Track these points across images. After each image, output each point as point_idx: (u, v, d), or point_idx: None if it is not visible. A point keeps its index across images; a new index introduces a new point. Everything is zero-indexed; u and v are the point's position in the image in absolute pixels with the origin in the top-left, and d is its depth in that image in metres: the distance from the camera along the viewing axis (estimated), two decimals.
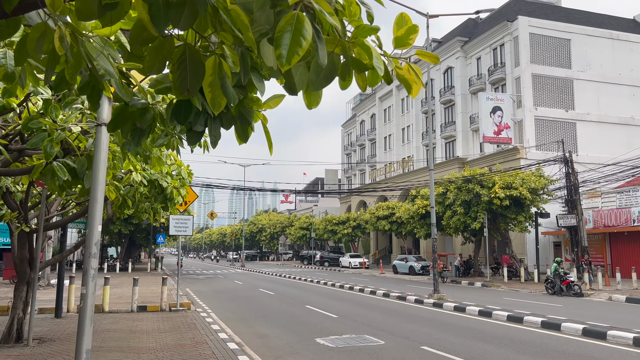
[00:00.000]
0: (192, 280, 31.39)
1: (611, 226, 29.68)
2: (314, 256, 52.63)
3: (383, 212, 40.66)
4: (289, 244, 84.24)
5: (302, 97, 2.30)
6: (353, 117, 68.54)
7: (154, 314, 13.80)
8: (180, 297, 18.46)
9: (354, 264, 44.95)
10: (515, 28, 38.06)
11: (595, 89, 38.67)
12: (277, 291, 22.38)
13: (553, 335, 10.67)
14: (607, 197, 30.82)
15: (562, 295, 20.11)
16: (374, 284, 25.66)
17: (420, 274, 34.62)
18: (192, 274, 39.66)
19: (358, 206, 59.43)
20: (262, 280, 30.56)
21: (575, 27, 39.21)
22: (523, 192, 25.65)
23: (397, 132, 54.14)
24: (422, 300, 16.85)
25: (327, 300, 18.32)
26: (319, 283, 27.23)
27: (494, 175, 27.30)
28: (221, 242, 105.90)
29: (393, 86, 54.88)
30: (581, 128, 37.84)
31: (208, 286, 26.25)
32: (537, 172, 27.56)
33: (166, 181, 8.82)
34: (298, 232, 60.52)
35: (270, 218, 77.54)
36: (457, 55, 44.34)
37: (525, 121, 36.77)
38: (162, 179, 8.79)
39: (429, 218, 32.35)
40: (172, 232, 14.31)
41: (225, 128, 2.98)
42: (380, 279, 32.08)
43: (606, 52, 39.42)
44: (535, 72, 37.41)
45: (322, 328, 11.83)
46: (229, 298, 19.73)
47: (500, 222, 27.77)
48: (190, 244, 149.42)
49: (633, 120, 39.05)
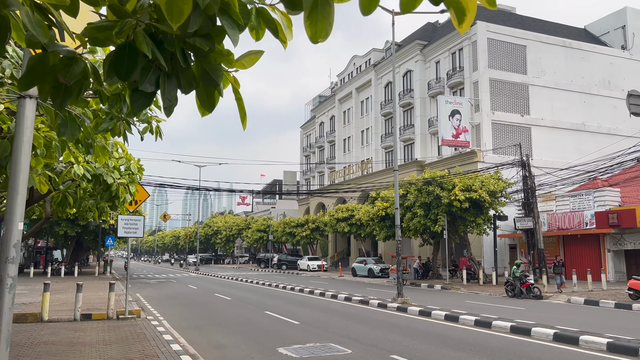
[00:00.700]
0: (143, 285, 29.89)
1: (565, 229, 30.29)
2: (271, 259, 51.65)
3: (342, 214, 40.23)
4: (245, 247, 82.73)
5: (305, 26, 1.60)
6: (312, 118, 68.04)
7: (100, 323, 12.66)
8: (130, 303, 17.26)
9: (312, 266, 44.32)
10: (474, 33, 38.52)
11: (549, 95, 39.64)
12: (234, 296, 21.43)
13: (524, 340, 10.32)
14: (561, 201, 31.46)
15: (522, 297, 20.12)
16: (334, 288, 25.07)
17: (380, 276, 34.35)
18: (144, 278, 37.95)
19: (317, 208, 58.88)
20: (217, 285, 29.44)
21: (530, 34, 40.10)
22: (482, 194, 25.72)
23: (356, 134, 53.96)
24: (386, 304, 16.35)
25: (288, 305, 17.56)
26: (277, 287, 26.41)
27: (454, 177, 27.30)
28: (174, 244, 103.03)
29: (352, 88, 54.72)
30: (535, 133, 38.66)
31: (160, 291, 24.96)
32: (496, 175, 27.76)
33: (112, 177, 7.87)
34: (255, 234, 59.33)
35: (226, 220, 75.90)
36: (417, 58, 44.55)
37: (482, 125, 37.21)
38: (108, 173, 7.84)
39: (388, 220, 32.16)
40: (120, 234, 13.20)
41: (184, 91, 2.23)
42: (339, 282, 31.56)
43: (559, 60, 40.50)
44: (492, 77, 37.96)
45: (284, 336, 11.09)
46: (182, 304, 18.65)
47: (460, 224, 27.80)
48: (142, 247, 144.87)
49: (584, 126, 40.24)
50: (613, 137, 40.62)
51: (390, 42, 50.82)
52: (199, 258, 57.30)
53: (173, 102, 2.22)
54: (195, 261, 59.01)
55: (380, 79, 50.21)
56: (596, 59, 41.86)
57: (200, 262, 59.71)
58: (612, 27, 45.01)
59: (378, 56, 52.13)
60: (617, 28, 44.58)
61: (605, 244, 28.51)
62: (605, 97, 41.54)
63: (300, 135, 72.35)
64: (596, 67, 41.72)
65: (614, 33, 44.77)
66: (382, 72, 49.74)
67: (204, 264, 68.28)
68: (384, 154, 48.61)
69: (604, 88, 41.71)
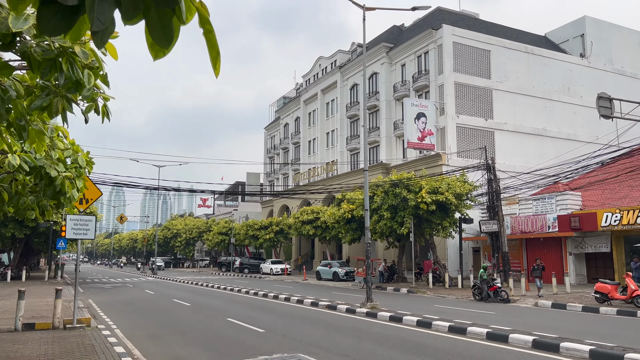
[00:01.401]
0: (97, 290, 28.32)
1: (528, 232, 30.53)
2: (233, 263, 50.37)
3: (307, 216, 39.52)
4: (206, 250, 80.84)
5: None
6: (277, 119, 67.11)
7: (44, 334, 11.49)
8: (81, 310, 16.04)
9: (275, 270, 43.37)
10: (440, 36, 38.61)
11: (512, 100, 40.15)
12: (194, 302, 20.36)
13: (504, 348, 9.85)
14: (525, 204, 31.73)
15: (489, 301, 19.91)
16: (300, 292, 24.31)
17: (345, 280, 33.80)
18: (98, 282, 36.16)
19: (281, 211, 57.93)
20: (176, 290, 28.17)
21: (494, 39, 40.55)
22: (449, 197, 25.54)
23: (321, 136, 53.39)
24: (355, 309, 15.71)
25: (251, 311, 16.68)
26: (240, 292, 25.41)
27: (420, 180, 27.03)
28: (132, 247, 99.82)
29: (318, 90, 54.18)
30: (498, 137, 39.05)
31: (115, 296, 23.58)
32: (462, 178, 27.67)
33: (56, 169, 6.91)
34: (216, 237, 57.88)
35: (187, 223, 73.92)
36: (382, 61, 44.39)
37: (447, 128, 37.28)
38: (52, 165, 6.88)
39: (354, 222, 31.67)
40: (69, 235, 12.05)
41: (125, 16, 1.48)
42: (304, 285, 30.80)
43: (522, 65, 41.12)
44: (457, 81, 38.12)
45: (249, 346, 10.26)
46: (138, 311, 17.49)
47: (426, 227, 27.54)
48: (97, 250, 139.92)
49: (545, 131, 40.94)
50: (572, 142, 41.50)
51: (357, 44, 50.67)
52: (156, 261, 55.32)
53: (107, 27, 1.45)
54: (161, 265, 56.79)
55: (346, 80, 49.85)
56: (556, 66, 42.73)
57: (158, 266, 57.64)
58: (571, 35, 46.13)
59: (344, 58, 51.78)
60: (576, 36, 45.71)
61: (567, 247, 28.85)
62: (565, 104, 42.44)
63: (265, 136, 71.28)
64: (556, 73, 42.59)
65: (573, 41, 45.88)
66: (348, 73, 49.39)
67: (163, 268, 66.02)
68: (350, 156, 48.21)
69: (564, 94, 42.62)
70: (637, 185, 28.94)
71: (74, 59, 3.61)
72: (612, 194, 30.35)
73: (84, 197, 12.34)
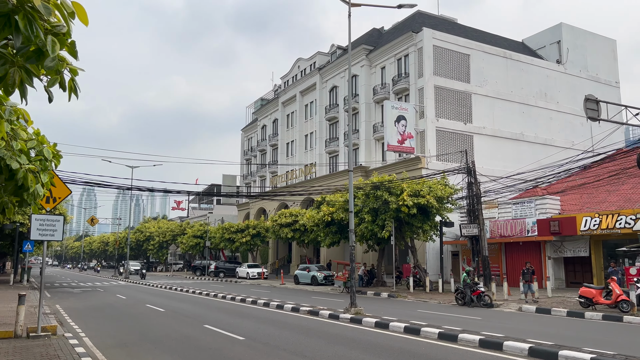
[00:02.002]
0: (65, 294, 27.09)
1: (507, 236, 30.48)
2: (208, 266, 49.25)
3: (286, 219, 38.81)
4: (179, 254, 79.18)
5: None
6: (254, 121, 66.22)
7: (4, 343, 10.58)
8: (47, 316, 15.09)
9: (252, 274, 42.48)
10: (420, 39, 38.49)
11: (490, 104, 40.29)
12: (168, 307, 19.47)
13: (500, 356, 9.40)
14: (504, 208, 31.69)
15: (472, 306, 19.57)
16: (279, 297, 23.61)
17: (323, 284, 33.21)
18: (67, 287, 34.75)
19: (257, 214, 57.06)
20: (149, 294, 27.14)
21: (474, 44, 40.65)
22: (430, 200, 25.22)
23: (300, 138, 52.77)
24: (338, 315, 15.12)
25: (229, 317, 15.94)
26: (216, 297, 24.56)
27: (401, 182, 26.67)
28: (103, 250, 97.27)
29: (297, 91, 53.60)
30: (477, 141, 39.08)
31: (84, 302, 22.49)
32: (442, 181, 27.42)
33: (18, 161, 6.18)
34: (191, 240, 56.61)
35: (160, 225, 72.28)
36: (362, 63, 44.09)
37: (427, 132, 37.12)
38: (12, 157, 6.14)
39: (334, 226, 31.13)
40: (34, 237, 11.16)
41: None
42: (282, 290, 30.09)
43: (500, 70, 41.32)
44: (437, 84, 38.03)
45: (228, 356, 9.58)
46: (108, 317, 16.56)
47: (407, 230, 27.17)
48: (67, 253, 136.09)
49: (522, 136, 41.19)
50: (549, 147, 41.88)
51: (337, 46, 50.29)
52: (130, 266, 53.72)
53: None
54: (138, 269, 53.81)
55: (325, 82, 49.40)
56: (534, 72, 43.11)
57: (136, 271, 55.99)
58: (548, 41, 46.66)
59: (323, 60, 51.33)
60: (552, 43, 46.25)
61: (546, 251, 28.87)
62: (542, 109, 42.82)
63: (242, 138, 70.28)
64: (534, 79, 42.96)
65: (549, 47, 46.40)
66: (328, 75, 48.96)
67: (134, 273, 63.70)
68: (328, 159, 47.72)
69: (541, 100, 43.00)
70: (614, 190, 29.17)
71: (33, 17, 2.96)
72: (589, 199, 30.54)
73: (51, 195, 11.48)
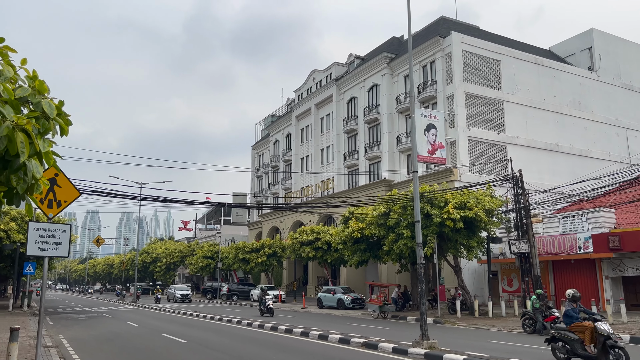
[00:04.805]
0: (69, 321, 24.25)
1: (555, 253, 27.60)
2: (219, 289, 46.25)
3: (307, 236, 35.97)
4: (187, 276, 76.08)
5: None
6: (265, 137, 63.86)
7: None
8: (48, 350, 12.36)
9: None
10: (448, 44, 36.20)
11: (523, 112, 37.77)
12: (189, 337, 16.63)
13: None
14: (549, 223, 28.89)
15: (544, 334, 16.66)
16: (309, 323, 20.73)
17: (351, 307, 30.23)
18: (71, 312, 31.88)
19: (270, 233, 54.23)
20: (163, 321, 24.25)
21: (504, 49, 38.34)
22: (479, 213, 22.46)
23: (315, 152, 50.24)
24: (405, 349, 12.24)
25: (269, 352, 13.11)
26: (240, 324, 21.67)
27: (444, 193, 23.96)
28: (107, 273, 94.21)
29: (312, 104, 51.29)
30: (511, 151, 36.37)
31: (90, 330, 19.67)
32: (488, 192, 24.69)
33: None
34: (201, 261, 53.66)
35: (167, 246, 69.40)
36: (384, 72, 41.79)
37: (458, 141, 34.55)
38: None
39: (363, 243, 28.36)
40: (32, 251, 8.47)
41: None
42: (307, 315, 27.15)
43: (532, 77, 38.91)
44: (468, 91, 35.59)
45: None
46: (120, 351, 13.76)
47: (450, 247, 24.32)
48: (71, 276, 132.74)
49: (557, 146, 38.56)
50: (585, 159, 39.29)
51: (355, 56, 48.08)
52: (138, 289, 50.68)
53: None
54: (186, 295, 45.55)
55: (342, 94, 47.08)
56: (566, 79, 40.69)
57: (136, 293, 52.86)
58: (578, 48, 44.35)
59: (340, 70, 49.10)
60: (583, 49, 43.94)
61: (602, 270, 25.97)
62: (577, 118, 40.27)
63: (252, 155, 67.86)
64: (567, 87, 40.53)
65: (580, 54, 44.08)
66: (345, 86, 46.65)
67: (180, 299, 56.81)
68: (347, 173, 45.09)
69: (575, 109, 40.49)
70: None
71: None
72: None
73: (54, 197, 8.86)
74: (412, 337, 15.66)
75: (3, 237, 30.17)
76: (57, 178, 8.98)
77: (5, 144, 3.54)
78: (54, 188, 8.87)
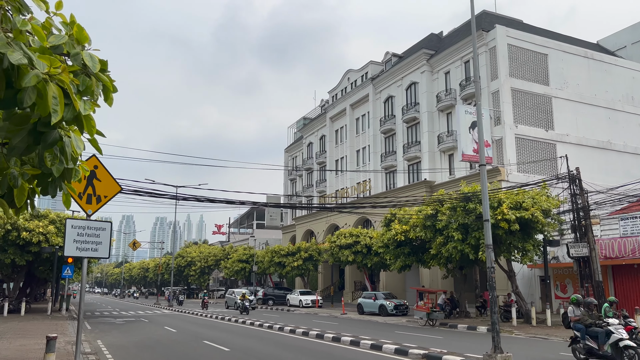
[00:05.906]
0: (106, 326, 23.72)
1: (615, 257, 25.65)
2: (255, 293, 45.47)
3: (345, 240, 34.80)
4: (221, 280, 75.83)
5: None
6: (299, 139, 63.06)
7: None
8: (87, 358, 11.56)
9: (305, 302, 38.38)
10: (492, 38, 34.57)
11: (573, 109, 35.76)
12: (231, 345, 15.69)
13: None
14: (608, 225, 26.97)
15: None
16: (353, 330, 19.56)
17: (394, 314, 28.87)
18: (108, 316, 31.55)
19: (304, 236, 53.26)
20: (201, 326, 23.46)
21: (551, 42, 36.45)
22: (536, 213, 20.87)
23: (350, 154, 49.07)
24: None
25: None
26: (282, 330, 20.67)
27: (498, 192, 22.45)
28: (143, 277, 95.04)
29: (347, 105, 50.19)
30: (561, 150, 34.42)
31: (129, 336, 18.98)
32: (544, 192, 23.02)
33: (26, 53, 2.58)
34: (236, 265, 53.10)
35: (201, 250, 69.31)
36: (423, 69, 40.36)
37: (505, 139, 32.85)
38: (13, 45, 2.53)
39: (407, 246, 27.01)
40: (69, 252, 7.61)
41: None
42: (348, 321, 25.96)
43: (582, 71, 36.86)
44: (514, 87, 33.87)
45: None
46: (161, 358, 12.89)
47: (503, 250, 22.73)
48: (107, 280, 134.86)
49: (610, 144, 36.36)
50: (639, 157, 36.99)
51: (392, 54, 46.76)
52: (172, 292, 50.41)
53: None
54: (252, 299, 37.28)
55: (379, 93, 45.81)
56: (618, 73, 38.44)
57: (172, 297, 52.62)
58: (629, 41, 41.97)
59: (376, 69, 47.87)
60: (635, 42, 41.53)
61: None
62: (630, 114, 37.98)
63: (285, 158, 67.16)
64: (619, 81, 38.27)
65: (631, 47, 41.71)
66: (382, 85, 45.38)
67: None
68: (384, 175, 43.75)
69: (628, 104, 38.19)
70: None
71: None
72: None
73: (94, 193, 7.98)
74: (471, 347, 14.35)
75: (42, 241, 30.03)
76: (96, 171, 8.10)
77: (33, 99, 2.53)
78: (93, 182, 7.99)
